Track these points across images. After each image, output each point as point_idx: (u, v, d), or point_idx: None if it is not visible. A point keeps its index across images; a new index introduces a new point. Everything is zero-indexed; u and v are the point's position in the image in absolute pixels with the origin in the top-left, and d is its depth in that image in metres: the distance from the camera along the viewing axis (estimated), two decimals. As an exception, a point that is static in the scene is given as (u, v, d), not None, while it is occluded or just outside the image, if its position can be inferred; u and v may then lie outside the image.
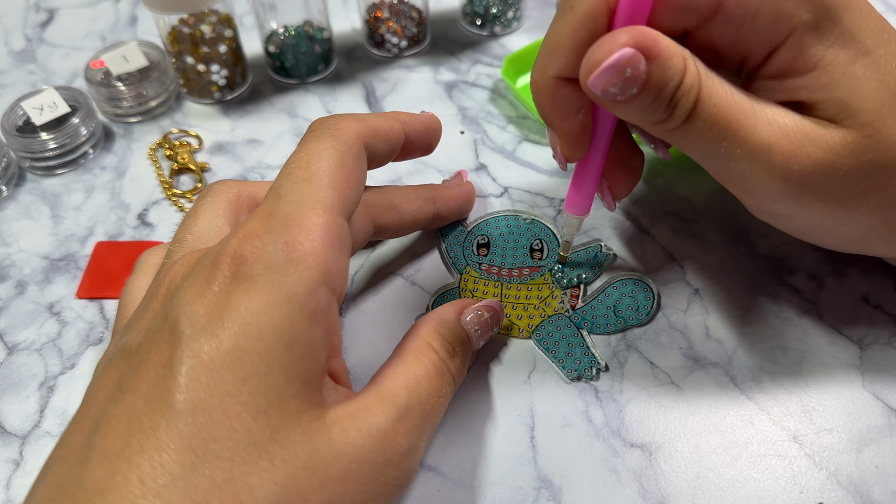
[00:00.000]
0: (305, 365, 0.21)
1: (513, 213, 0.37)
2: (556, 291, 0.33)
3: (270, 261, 0.21)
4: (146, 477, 0.19)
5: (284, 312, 0.21)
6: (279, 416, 0.21)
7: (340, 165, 0.24)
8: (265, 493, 0.20)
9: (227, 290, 0.21)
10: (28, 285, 0.36)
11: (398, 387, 0.24)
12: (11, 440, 0.30)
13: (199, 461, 0.20)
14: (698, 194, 0.38)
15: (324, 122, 0.26)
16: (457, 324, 0.28)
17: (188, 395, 0.20)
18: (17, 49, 0.50)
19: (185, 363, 0.20)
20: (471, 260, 0.35)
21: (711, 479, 0.27)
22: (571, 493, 0.27)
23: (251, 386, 0.20)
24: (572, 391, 0.30)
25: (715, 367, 0.31)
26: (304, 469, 0.21)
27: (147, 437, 0.20)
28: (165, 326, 0.22)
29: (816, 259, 0.34)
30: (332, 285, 0.22)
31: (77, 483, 0.20)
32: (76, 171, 0.41)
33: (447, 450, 0.29)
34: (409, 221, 0.33)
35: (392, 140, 0.28)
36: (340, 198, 0.24)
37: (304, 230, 0.22)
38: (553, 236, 0.36)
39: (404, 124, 0.29)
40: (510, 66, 0.43)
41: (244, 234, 0.22)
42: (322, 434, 0.21)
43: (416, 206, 0.33)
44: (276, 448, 0.21)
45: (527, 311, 0.33)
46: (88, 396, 0.23)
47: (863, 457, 0.28)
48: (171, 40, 0.42)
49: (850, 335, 0.32)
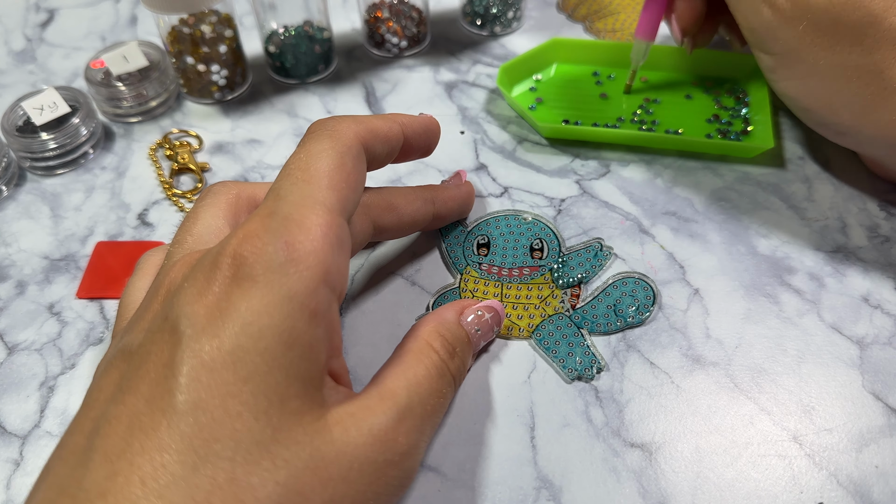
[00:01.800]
0: (306, 365, 0.21)
1: (513, 213, 0.37)
2: (557, 291, 0.33)
3: (270, 261, 0.21)
4: (148, 477, 0.19)
5: (285, 312, 0.21)
6: (280, 415, 0.21)
7: (340, 166, 0.24)
8: (267, 493, 0.20)
9: (228, 290, 0.21)
10: (28, 285, 0.36)
11: (399, 387, 0.24)
12: (11, 440, 0.30)
13: (200, 461, 0.20)
14: (698, 194, 0.38)
15: (323, 124, 0.26)
16: (457, 324, 0.29)
17: (189, 396, 0.20)
18: (17, 49, 0.50)
19: (185, 363, 0.20)
20: (471, 260, 0.35)
21: (711, 479, 0.27)
22: (571, 493, 0.27)
23: (252, 386, 0.20)
24: (572, 391, 0.30)
25: (715, 367, 0.31)
26: (306, 469, 0.21)
27: (148, 438, 0.20)
28: (165, 327, 0.22)
29: (816, 259, 0.34)
30: (332, 285, 0.22)
31: (78, 484, 0.20)
32: (76, 171, 0.41)
33: (447, 450, 0.29)
34: (408, 222, 0.33)
35: (391, 142, 0.28)
36: (340, 198, 0.24)
37: (303, 230, 0.22)
38: (553, 235, 0.36)
39: (403, 126, 0.29)
40: (505, 76, 0.43)
41: (244, 234, 0.22)
42: (323, 434, 0.21)
43: (416, 206, 0.33)
44: (278, 448, 0.21)
45: (527, 311, 0.33)
46: (89, 397, 0.23)
47: (863, 457, 0.28)
48: (171, 40, 0.42)
49: (850, 335, 0.32)
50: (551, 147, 0.41)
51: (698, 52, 0.43)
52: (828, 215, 0.36)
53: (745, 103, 0.41)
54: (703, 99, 0.42)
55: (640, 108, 0.42)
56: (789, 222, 0.36)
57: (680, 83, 0.43)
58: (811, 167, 0.39)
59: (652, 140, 0.40)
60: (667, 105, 0.42)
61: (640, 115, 0.41)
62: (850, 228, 0.36)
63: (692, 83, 0.43)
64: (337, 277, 0.23)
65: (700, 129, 0.40)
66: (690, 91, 0.43)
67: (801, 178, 0.38)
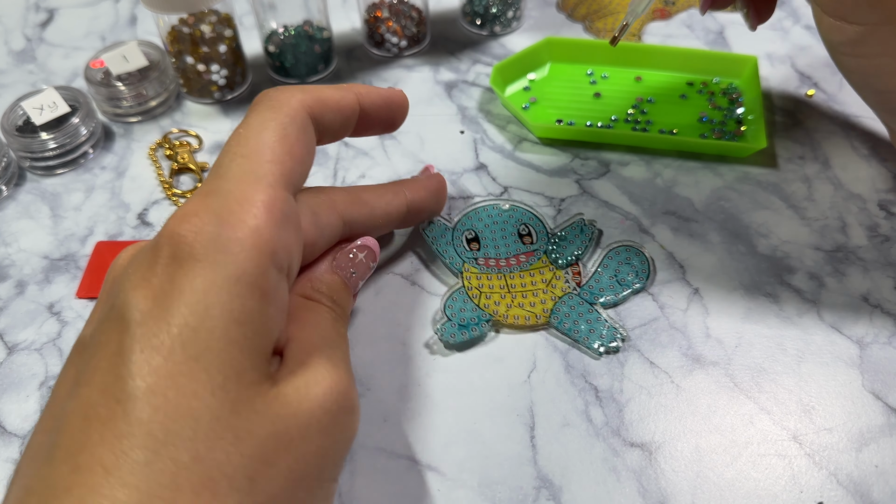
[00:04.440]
0: (259, 339, 0.22)
1: (491, 203, 0.37)
2: (558, 272, 0.34)
3: (211, 240, 0.21)
4: (111, 467, 0.19)
5: (234, 292, 0.21)
6: (238, 389, 0.21)
7: (282, 138, 0.24)
8: (234, 467, 0.20)
9: (170, 271, 0.21)
10: (28, 285, 0.36)
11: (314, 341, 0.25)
12: (11, 440, 0.30)
13: (161, 445, 0.19)
14: (698, 194, 0.38)
15: (265, 95, 0.26)
16: (329, 273, 0.29)
17: (142, 381, 0.20)
18: (17, 49, 0.50)
19: (135, 349, 0.20)
20: (465, 257, 0.35)
21: (711, 479, 0.27)
22: (571, 493, 0.27)
23: (205, 363, 0.20)
24: (572, 391, 0.30)
25: (715, 367, 0.31)
26: (269, 436, 0.21)
27: (106, 428, 0.19)
28: (113, 315, 0.21)
29: (816, 259, 0.34)
30: (278, 262, 0.22)
31: (44, 482, 0.20)
32: (76, 171, 0.41)
33: (447, 450, 0.29)
34: (381, 215, 0.32)
35: (343, 111, 0.27)
36: (283, 172, 0.24)
37: (245, 207, 0.22)
38: (536, 219, 0.36)
39: (359, 96, 0.28)
40: (498, 75, 0.43)
41: (182, 214, 0.22)
42: (279, 399, 0.22)
43: (387, 199, 0.32)
44: (239, 421, 0.21)
45: (538, 297, 0.33)
46: (51, 396, 0.23)
47: (863, 456, 0.28)
48: (171, 40, 0.42)
49: (850, 335, 0.32)
50: (551, 147, 0.41)
51: (693, 52, 0.43)
52: (828, 215, 0.36)
53: (738, 104, 0.42)
54: (697, 99, 0.42)
55: (634, 108, 0.42)
56: (789, 222, 0.36)
57: (674, 83, 0.43)
58: (811, 167, 0.39)
59: (646, 140, 0.40)
60: (661, 105, 0.42)
61: (633, 115, 0.41)
62: (850, 228, 0.36)
63: (687, 83, 0.43)
64: (284, 254, 0.23)
65: (694, 129, 0.41)
66: (685, 91, 0.43)
67: (801, 178, 0.38)
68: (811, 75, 0.44)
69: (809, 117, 0.42)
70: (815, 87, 0.43)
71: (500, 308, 0.32)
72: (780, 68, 0.45)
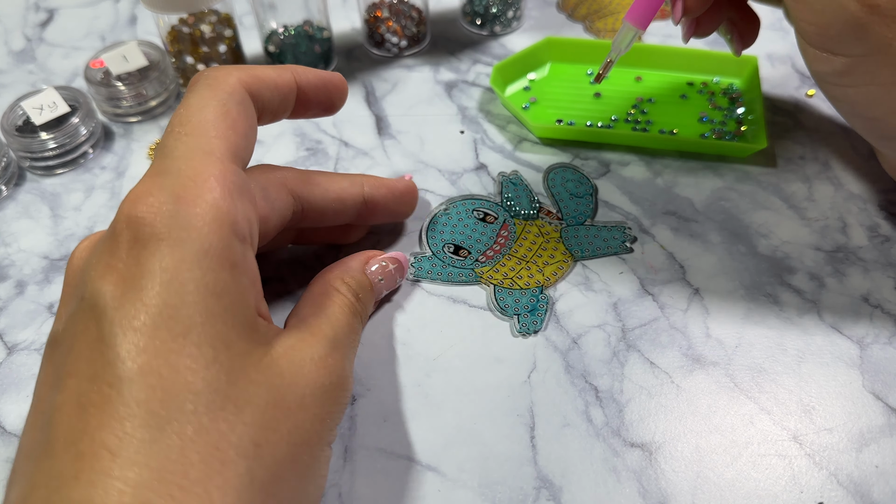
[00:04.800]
0: (240, 309, 0.22)
1: (443, 205, 0.38)
2: (538, 221, 0.36)
3: (171, 217, 0.21)
4: (116, 449, 0.19)
5: (204, 265, 0.21)
6: (231, 359, 0.21)
7: (224, 114, 0.24)
8: (238, 436, 0.20)
9: (135, 254, 0.21)
10: (28, 285, 0.36)
11: (322, 322, 0.26)
12: (11, 440, 0.30)
13: (164, 421, 0.19)
14: (698, 194, 0.38)
15: (202, 74, 0.26)
16: (361, 272, 0.30)
17: (132, 363, 0.20)
18: (16, 49, 0.50)
19: (117, 334, 0.20)
20: (468, 268, 0.35)
21: (711, 479, 0.27)
22: (571, 493, 0.27)
23: (194, 337, 0.20)
24: (572, 391, 0.30)
25: (715, 367, 0.31)
26: (268, 405, 0.21)
27: (103, 413, 0.19)
28: (84, 306, 0.21)
29: (817, 259, 0.34)
30: (240, 233, 0.23)
31: (48, 474, 0.19)
32: (76, 171, 0.41)
33: (447, 450, 0.29)
34: (334, 199, 0.31)
35: (281, 89, 0.28)
36: (229, 146, 0.24)
37: (199, 183, 0.22)
38: (479, 200, 0.38)
39: (296, 74, 0.28)
40: (498, 75, 0.43)
41: (134, 196, 0.22)
42: (273, 368, 0.22)
43: (342, 185, 0.32)
44: (236, 391, 0.21)
45: (545, 250, 0.35)
46: (34, 396, 0.23)
47: (863, 456, 0.28)
48: (171, 40, 0.42)
49: (850, 335, 0.32)
50: (551, 147, 0.41)
51: (693, 52, 0.43)
52: (828, 215, 0.36)
53: (738, 104, 0.42)
54: (697, 99, 0.42)
55: (635, 108, 0.42)
56: (789, 222, 0.36)
57: (675, 83, 0.43)
58: (811, 167, 0.39)
59: (646, 140, 0.40)
60: (661, 105, 0.42)
61: (634, 115, 0.41)
62: (850, 228, 0.36)
63: (687, 83, 0.43)
64: (245, 224, 0.23)
65: (694, 129, 0.41)
66: (685, 91, 0.43)
67: (802, 178, 0.38)
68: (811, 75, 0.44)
69: (809, 117, 0.42)
70: (815, 88, 0.43)
71: (536, 276, 0.34)
72: (780, 68, 0.45)
